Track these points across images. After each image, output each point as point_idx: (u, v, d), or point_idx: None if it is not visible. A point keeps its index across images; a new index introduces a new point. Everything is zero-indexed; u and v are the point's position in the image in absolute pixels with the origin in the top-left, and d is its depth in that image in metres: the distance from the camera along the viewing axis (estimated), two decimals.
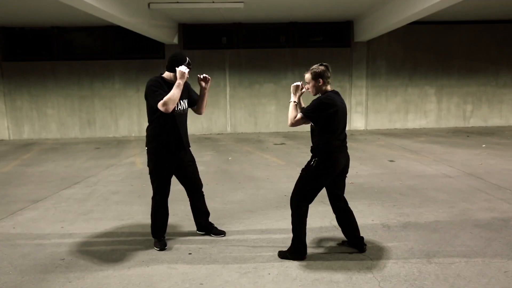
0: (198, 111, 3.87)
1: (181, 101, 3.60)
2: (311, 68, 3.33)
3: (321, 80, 3.28)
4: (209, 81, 3.77)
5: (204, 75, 3.75)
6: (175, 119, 3.56)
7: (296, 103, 3.43)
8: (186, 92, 3.67)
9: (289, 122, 3.36)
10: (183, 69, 3.40)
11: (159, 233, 3.72)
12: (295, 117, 3.32)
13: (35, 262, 3.45)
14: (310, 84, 3.34)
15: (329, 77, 3.31)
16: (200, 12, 10.37)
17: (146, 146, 3.66)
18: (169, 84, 3.50)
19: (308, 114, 3.24)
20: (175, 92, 3.37)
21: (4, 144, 11.52)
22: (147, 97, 3.52)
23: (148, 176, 3.69)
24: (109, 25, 11.16)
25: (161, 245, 3.65)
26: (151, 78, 3.56)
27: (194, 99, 3.80)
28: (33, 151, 9.93)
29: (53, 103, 12.42)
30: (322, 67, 3.29)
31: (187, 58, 3.51)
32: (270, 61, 12.44)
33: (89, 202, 5.28)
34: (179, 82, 3.40)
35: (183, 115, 3.67)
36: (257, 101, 12.64)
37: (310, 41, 12.63)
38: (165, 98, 3.34)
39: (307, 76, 3.33)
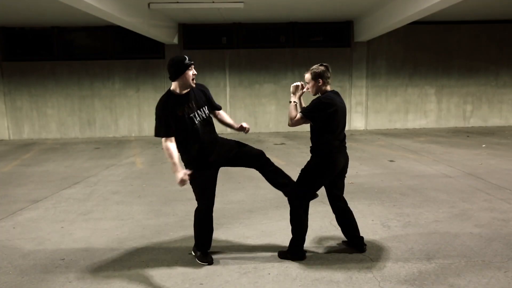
0: (217, 118, 3.52)
1: (199, 110, 3.24)
2: (311, 68, 3.34)
3: (321, 80, 3.28)
4: (247, 129, 3.50)
5: (247, 128, 3.50)
6: (196, 133, 3.20)
7: (296, 103, 3.43)
8: (204, 98, 3.34)
9: (289, 122, 3.37)
10: (181, 175, 3.10)
11: (206, 246, 3.46)
12: (295, 117, 3.32)
13: (35, 262, 3.45)
14: (310, 84, 3.34)
15: (329, 77, 3.32)
16: (200, 12, 10.36)
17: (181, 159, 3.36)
18: (178, 97, 3.17)
19: (307, 113, 3.24)
20: (170, 161, 3.15)
21: (4, 144, 11.52)
22: None
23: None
24: (109, 25, 11.15)
25: (209, 260, 3.39)
26: (160, 97, 3.21)
27: (213, 105, 3.45)
28: (33, 151, 9.92)
29: (53, 103, 12.42)
30: (322, 67, 3.30)
31: (186, 56, 3.15)
32: (270, 61, 12.43)
33: (89, 202, 5.28)
34: (175, 170, 3.12)
35: (205, 124, 3.28)
36: (257, 101, 12.64)
37: (310, 41, 12.62)
38: (166, 149, 3.14)
39: (307, 76, 3.34)
